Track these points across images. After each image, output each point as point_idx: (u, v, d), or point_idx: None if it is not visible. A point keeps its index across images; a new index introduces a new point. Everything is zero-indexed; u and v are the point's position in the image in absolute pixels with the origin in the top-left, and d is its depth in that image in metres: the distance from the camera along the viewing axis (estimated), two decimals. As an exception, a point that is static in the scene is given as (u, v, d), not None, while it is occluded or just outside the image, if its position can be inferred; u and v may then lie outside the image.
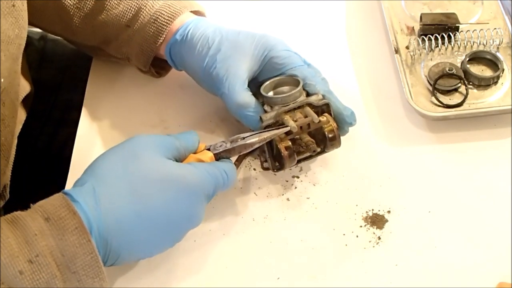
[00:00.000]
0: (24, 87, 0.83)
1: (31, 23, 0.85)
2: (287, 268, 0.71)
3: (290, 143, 0.73)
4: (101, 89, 0.89)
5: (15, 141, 0.78)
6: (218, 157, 0.71)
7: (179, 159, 0.68)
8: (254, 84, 0.78)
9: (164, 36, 0.79)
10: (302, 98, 0.75)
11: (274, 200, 0.77)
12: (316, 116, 0.73)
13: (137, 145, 0.66)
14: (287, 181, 0.78)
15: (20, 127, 0.85)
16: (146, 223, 0.63)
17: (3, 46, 0.66)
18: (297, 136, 0.73)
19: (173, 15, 0.79)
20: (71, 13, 0.82)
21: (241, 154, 0.73)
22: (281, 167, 0.74)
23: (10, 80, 0.71)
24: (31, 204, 0.63)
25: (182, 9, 0.79)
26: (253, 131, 0.73)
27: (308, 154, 0.74)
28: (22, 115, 0.84)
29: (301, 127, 0.73)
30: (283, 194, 0.77)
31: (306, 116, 0.73)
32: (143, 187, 0.63)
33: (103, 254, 0.61)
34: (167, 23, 0.78)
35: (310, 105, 0.74)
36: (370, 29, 0.93)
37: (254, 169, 0.79)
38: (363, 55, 0.91)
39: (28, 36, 0.98)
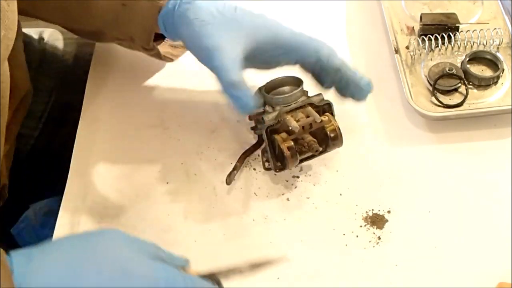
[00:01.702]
0: (23, 87, 0.83)
1: (32, 15, 0.84)
2: (287, 268, 0.71)
3: (292, 143, 0.73)
4: (101, 89, 0.89)
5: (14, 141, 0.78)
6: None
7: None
8: (260, 63, 0.76)
9: (159, 8, 0.76)
10: (304, 98, 0.75)
11: (274, 200, 0.77)
12: (318, 116, 0.73)
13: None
14: (287, 181, 0.78)
15: (18, 127, 0.85)
16: None
17: None
18: (299, 136, 0.73)
19: None
20: (70, 0, 0.81)
21: (243, 154, 0.73)
22: (283, 167, 0.74)
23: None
24: (30, 205, 0.62)
25: None
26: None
27: (310, 153, 0.74)
28: (20, 115, 0.84)
29: (303, 127, 0.73)
30: (283, 194, 0.77)
31: (308, 116, 0.73)
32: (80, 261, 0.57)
33: None
34: None
35: (311, 105, 0.74)
36: (370, 29, 0.93)
37: (254, 169, 0.79)
38: (363, 55, 0.91)
39: (27, 36, 0.98)
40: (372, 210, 0.75)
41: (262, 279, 0.70)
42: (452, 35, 0.86)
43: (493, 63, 0.85)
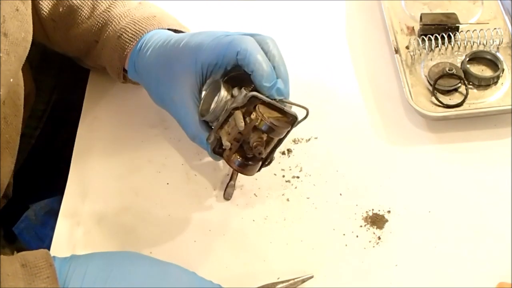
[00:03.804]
0: (26, 86, 0.83)
1: None
2: (287, 268, 0.71)
3: (236, 156, 0.69)
4: (101, 89, 0.89)
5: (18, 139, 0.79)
6: None
7: None
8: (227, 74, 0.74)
9: (127, 53, 0.78)
10: (230, 100, 0.70)
11: (274, 200, 0.77)
12: (240, 122, 0.67)
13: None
14: (287, 181, 0.78)
15: (22, 126, 0.85)
16: None
17: (13, 48, 0.67)
18: (243, 140, 0.69)
19: (137, 33, 0.77)
20: (47, 25, 0.82)
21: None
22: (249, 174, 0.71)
23: (15, 80, 0.72)
24: (30, 205, 0.63)
25: (148, 27, 0.77)
26: None
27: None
28: (24, 114, 0.85)
29: (235, 139, 0.68)
30: (283, 194, 0.77)
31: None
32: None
33: None
34: (130, 41, 0.77)
35: (237, 108, 0.69)
36: (370, 29, 0.93)
37: (254, 169, 0.79)
38: (363, 55, 0.91)
39: None
40: (372, 210, 0.75)
41: (262, 279, 0.70)
42: (452, 35, 0.86)
43: (493, 63, 0.85)
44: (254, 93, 0.68)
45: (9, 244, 0.90)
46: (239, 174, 0.77)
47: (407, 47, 0.88)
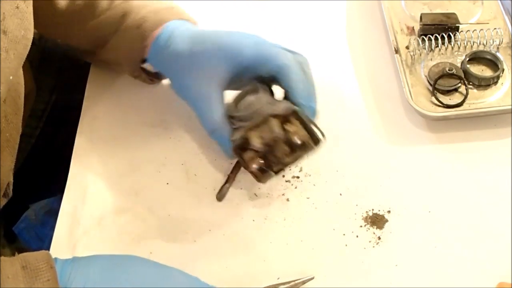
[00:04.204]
0: (26, 85, 0.83)
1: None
2: (287, 268, 0.71)
3: (260, 161, 0.70)
4: (101, 89, 0.89)
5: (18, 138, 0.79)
6: None
7: None
8: (242, 85, 0.76)
9: (148, 42, 0.78)
10: (268, 106, 0.72)
11: (274, 200, 0.77)
12: (278, 130, 0.70)
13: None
14: (287, 181, 0.78)
15: (22, 125, 0.85)
16: None
17: (12, 45, 0.67)
18: (269, 150, 0.70)
19: (158, 23, 0.78)
20: (64, 17, 0.82)
21: (235, 166, 0.74)
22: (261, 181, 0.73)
23: (15, 79, 0.72)
24: (30, 205, 0.63)
25: (170, 16, 0.78)
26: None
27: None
28: (24, 113, 0.85)
29: (267, 144, 0.70)
30: (283, 194, 0.77)
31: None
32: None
33: None
34: (150, 29, 0.77)
35: (275, 116, 0.70)
36: (370, 29, 0.93)
37: (254, 169, 0.79)
38: (363, 55, 0.91)
39: None
40: (372, 210, 0.75)
41: (262, 279, 0.71)
42: (452, 35, 0.86)
43: (493, 63, 0.85)
44: (297, 108, 0.71)
45: (9, 244, 0.91)
46: (235, 178, 0.77)
47: (407, 47, 0.88)
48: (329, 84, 0.79)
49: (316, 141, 0.71)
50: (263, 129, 0.70)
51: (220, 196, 0.76)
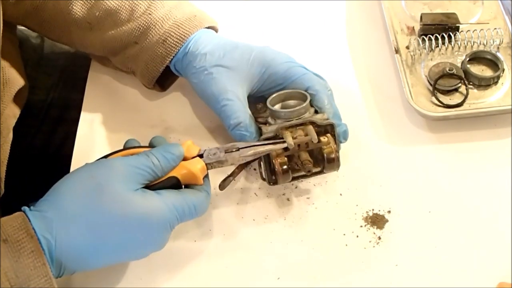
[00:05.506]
0: (17, 81, 0.83)
1: (40, 33, 0.84)
2: (287, 268, 0.71)
3: (286, 159, 0.71)
4: (101, 89, 0.89)
5: (10, 136, 0.78)
6: (210, 167, 0.70)
7: (155, 179, 0.67)
8: (258, 98, 0.78)
9: (172, 57, 0.79)
10: (308, 115, 0.74)
11: (274, 200, 0.77)
12: (315, 136, 0.71)
13: (104, 176, 0.65)
14: (287, 181, 0.78)
15: (14, 121, 0.84)
16: (103, 255, 0.64)
17: None
18: (295, 154, 0.72)
19: (182, 37, 0.78)
20: (81, 27, 0.82)
21: (240, 164, 0.74)
22: (275, 181, 0.73)
23: None
24: (30, 204, 0.63)
25: (192, 29, 0.79)
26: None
27: (303, 173, 0.73)
28: (15, 110, 0.84)
29: (298, 145, 0.71)
30: (283, 194, 0.77)
31: (306, 135, 0.72)
32: (103, 225, 0.63)
33: (57, 274, 0.62)
34: (175, 45, 0.78)
35: (313, 123, 0.72)
36: (370, 29, 0.93)
37: (254, 169, 0.79)
38: (363, 55, 0.91)
39: (23, 33, 0.98)
40: (372, 210, 0.75)
41: (262, 279, 0.71)
42: (452, 35, 0.86)
43: (493, 63, 0.85)
44: (334, 122, 0.73)
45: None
46: (240, 174, 0.77)
47: (407, 47, 0.88)
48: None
49: (338, 163, 0.73)
50: (298, 132, 0.72)
51: (223, 186, 0.76)
